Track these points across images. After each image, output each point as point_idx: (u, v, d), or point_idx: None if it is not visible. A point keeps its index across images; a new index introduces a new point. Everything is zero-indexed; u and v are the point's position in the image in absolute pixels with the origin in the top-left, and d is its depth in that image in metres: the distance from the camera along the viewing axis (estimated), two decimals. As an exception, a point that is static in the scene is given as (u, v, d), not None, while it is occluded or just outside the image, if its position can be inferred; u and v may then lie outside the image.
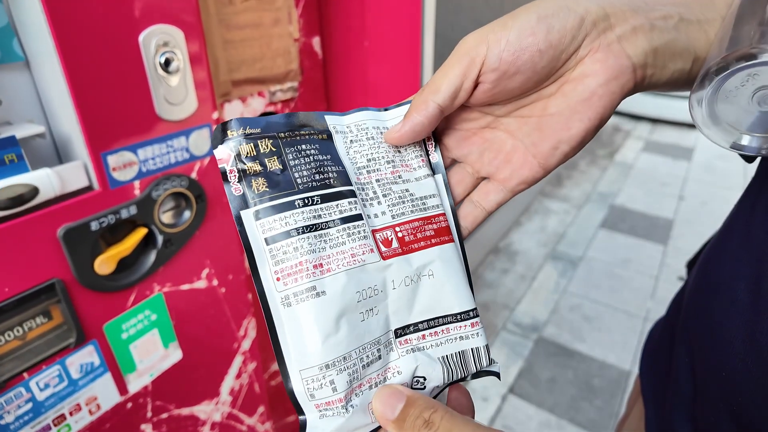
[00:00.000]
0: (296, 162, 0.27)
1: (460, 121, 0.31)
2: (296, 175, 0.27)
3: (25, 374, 0.52)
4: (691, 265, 0.45)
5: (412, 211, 0.29)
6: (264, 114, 0.83)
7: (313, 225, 0.26)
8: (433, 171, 0.31)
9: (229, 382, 0.80)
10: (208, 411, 0.78)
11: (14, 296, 0.49)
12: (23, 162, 0.48)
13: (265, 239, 0.25)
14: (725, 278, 0.32)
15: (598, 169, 3.10)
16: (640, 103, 3.81)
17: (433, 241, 0.28)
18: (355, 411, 0.25)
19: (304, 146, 0.28)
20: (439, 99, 0.27)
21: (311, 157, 0.28)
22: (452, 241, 0.29)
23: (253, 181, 0.26)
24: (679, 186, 2.86)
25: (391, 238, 0.28)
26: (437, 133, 0.33)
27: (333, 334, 0.24)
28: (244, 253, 0.25)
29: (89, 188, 0.53)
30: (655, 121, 3.85)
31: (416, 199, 0.29)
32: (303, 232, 0.25)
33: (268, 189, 0.26)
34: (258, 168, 0.26)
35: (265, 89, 0.80)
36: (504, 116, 0.30)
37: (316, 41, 0.87)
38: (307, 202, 0.26)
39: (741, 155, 0.33)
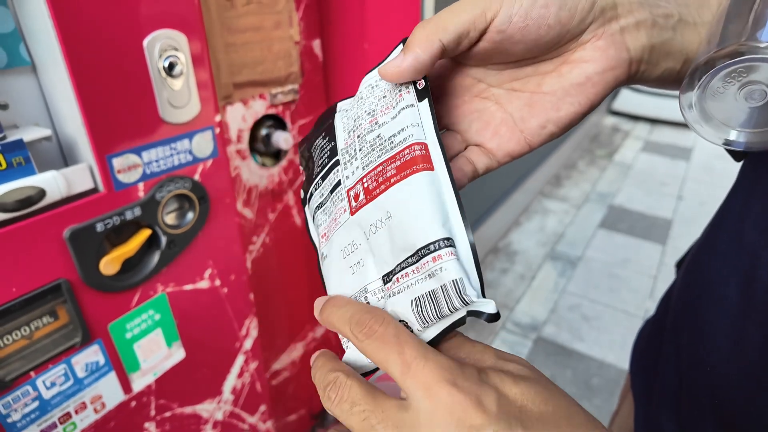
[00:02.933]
0: (315, 156, 0.34)
1: (451, 87, 0.31)
2: (313, 168, 0.33)
3: (32, 373, 0.53)
4: (680, 265, 0.45)
5: (378, 156, 0.28)
6: (265, 116, 0.84)
7: (320, 203, 0.32)
8: (419, 98, 0.29)
9: (231, 381, 0.81)
10: (211, 410, 0.79)
11: (21, 296, 0.50)
12: (30, 165, 0.49)
13: (312, 218, 0.33)
14: (715, 276, 0.32)
15: (597, 169, 3.11)
16: (638, 103, 3.82)
17: (393, 180, 0.27)
18: (350, 349, 0.28)
19: (317, 141, 0.34)
20: (445, 38, 0.26)
21: (319, 149, 0.33)
22: (425, 170, 0.27)
23: (304, 179, 0.34)
24: (677, 186, 2.87)
25: (359, 192, 0.29)
26: None
27: (337, 289, 0.29)
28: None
29: (94, 190, 0.54)
30: (653, 121, 3.85)
31: (384, 140, 0.29)
32: (317, 209, 0.32)
33: (306, 183, 0.34)
34: (303, 170, 0.35)
35: (266, 91, 0.81)
36: (496, 86, 0.30)
37: (316, 44, 0.88)
38: (316, 186, 0.32)
39: (730, 153, 0.34)
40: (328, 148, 0.32)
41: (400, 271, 0.26)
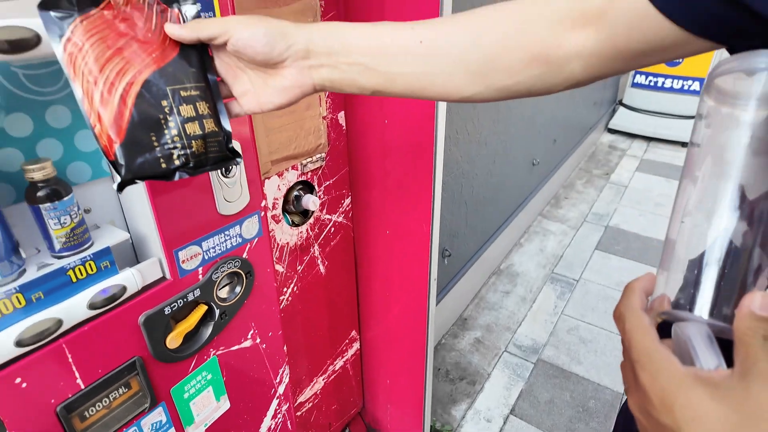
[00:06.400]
0: None
1: (226, 55, 0.46)
2: None
3: (110, 437, 0.62)
4: None
5: None
6: (297, 183, 0.92)
7: None
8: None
9: (266, 423, 0.89)
10: (247, 450, 0.87)
11: (104, 376, 0.59)
12: (114, 266, 0.57)
13: None
14: None
15: (595, 189, 3.20)
16: (635, 121, 3.91)
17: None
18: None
19: None
20: (203, 34, 0.44)
21: None
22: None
23: None
24: (672, 207, 2.96)
25: None
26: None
27: None
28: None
29: (162, 279, 0.63)
30: (650, 139, 3.95)
31: None
32: None
33: None
34: None
35: (298, 162, 0.90)
36: (249, 69, 0.46)
37: (341, 115, 0.97)
38: None
39: None
40: None
41: None
